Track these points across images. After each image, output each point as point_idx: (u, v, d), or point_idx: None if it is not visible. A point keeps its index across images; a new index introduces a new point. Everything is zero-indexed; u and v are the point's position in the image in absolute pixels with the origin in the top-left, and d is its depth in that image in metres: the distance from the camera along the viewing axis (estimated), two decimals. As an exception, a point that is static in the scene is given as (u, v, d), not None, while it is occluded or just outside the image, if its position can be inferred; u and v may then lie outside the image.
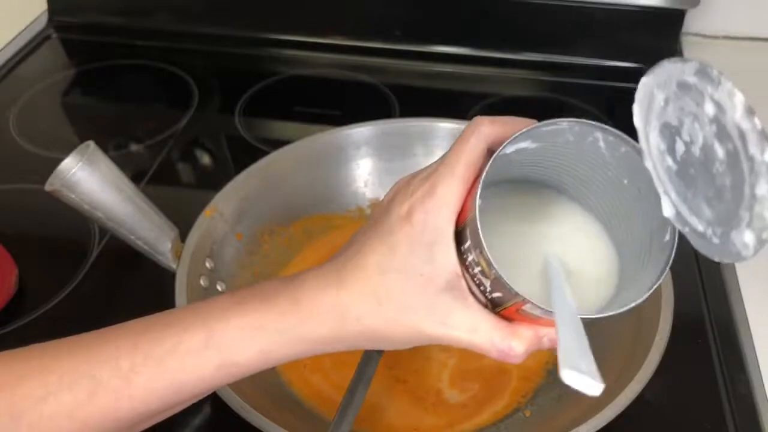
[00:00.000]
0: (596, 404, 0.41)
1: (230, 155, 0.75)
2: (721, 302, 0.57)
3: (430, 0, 0.85)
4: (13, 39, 0.90)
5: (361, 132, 0.62)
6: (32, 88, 0.83)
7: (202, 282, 0.50)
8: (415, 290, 0.31)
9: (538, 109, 0.81)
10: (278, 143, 0.61)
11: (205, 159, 0.75)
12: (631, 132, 0.86)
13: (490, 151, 0.33)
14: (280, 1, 0.88)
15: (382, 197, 0.63)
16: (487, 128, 0.34)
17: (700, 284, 0.58)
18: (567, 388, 0.47)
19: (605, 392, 0.42)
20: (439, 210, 0.31)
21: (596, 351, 0.49)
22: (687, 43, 0.86)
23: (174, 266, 0.49)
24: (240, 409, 0.41)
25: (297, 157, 0.60)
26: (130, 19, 0.93)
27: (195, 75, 0.85)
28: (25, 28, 0.92)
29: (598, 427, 0.40)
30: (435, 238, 0.31)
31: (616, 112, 0.77)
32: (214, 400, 0.46)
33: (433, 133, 0.62)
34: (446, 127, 0.62)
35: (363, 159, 0.62)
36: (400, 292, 0.31)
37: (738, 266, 0.57)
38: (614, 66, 0.84)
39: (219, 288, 0.52)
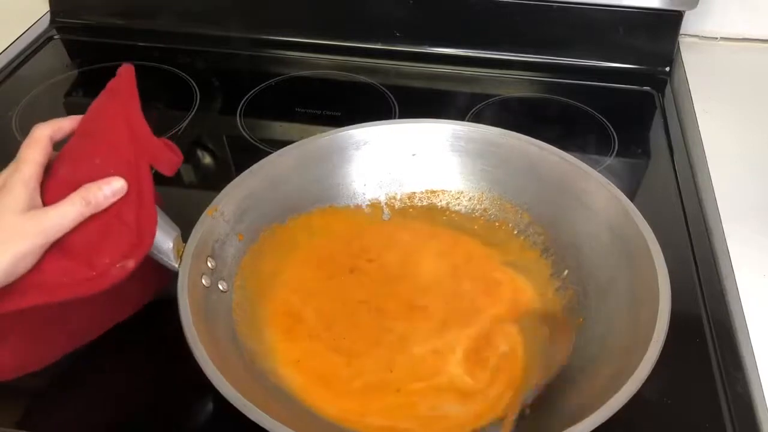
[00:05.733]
0: (596, 401, 0.42)
1: (231, 155, 0.75)
2: (719, 301, 0.57)
3: (430, 1, 0.85)
4: (16, 40, 0.90)
5: (361, 132, 0.62)
6: (35, 89, 0.83)
7: (203, 281, 0.50)
8: None
9: (537, 109, 0.81)
10: (280, 143, 0.62)
11: (207, 159, 0.75)
12: (631, 132, 0.87)
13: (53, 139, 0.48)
14: (281, 2, 0.89)
15: (381, 197, 0.64)
16: (42, 131, 0.47)
17: (697, 283, 0.58)
18: (569, 384, 0.47)
19: (604, 389, 0.42)
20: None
21: (594, 348, 0.50)
22: (685, 44, 0.86)
23: (176, 266, 0.49)
24: (243, 407, 0.41)
25: (297, 157, 0.60)
26: (131, 21, 0.93)
27: (196, 76, 0.85)
28: (27, 30, 0.92)
29: (600, 422, 0.40)
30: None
31: (614, 113, 0.78)
32: (216, 400, 0.47)
33: (433, 133, 0.63)
34: (445, 127, 0.62)
35: (363, 159, 0.62)
36: None
37: (736, 265, 0.57)
38: (612, 67, 0.85)
39: (221, 287, 0.52)
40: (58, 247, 0.44)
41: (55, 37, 0.94)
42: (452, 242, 0.61)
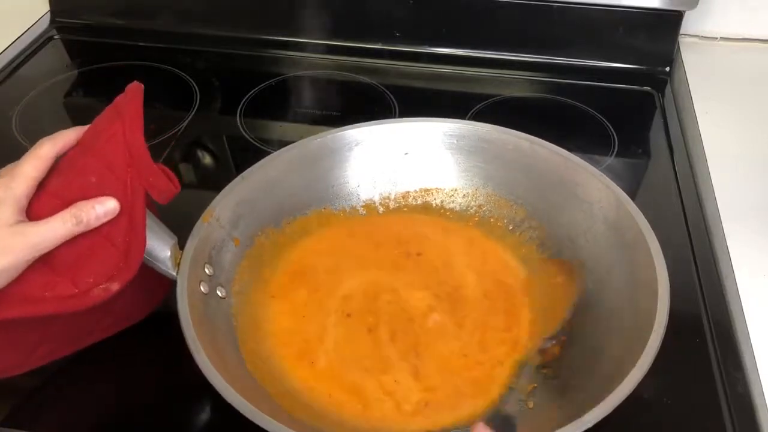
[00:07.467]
0: (600, 392, 0.42)
1: (231, 155, 0.75)
2: (719, 301, 0.57)
3: (430, 1, 0.85)
4: (16, 40, 0.90)
5: (353, 133, 0.62)
6: (35, 89, 0.83)
7: (202, 288, 0.50)
8: None
9: (537, 109, 0.81)
10: (280, 144, 0.62)
11: (207, 160, 0.75)
12: (631, 132, 0.86)
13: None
14: (281, 2, 0.89)
15: (375, 197, 0.64)
16: (49, 150, 0.46)
17: (697, 283, 0.58)
18: (572, 377, 0.47)
19: (608, 380, 0.42)
20: None
21: (595, 340, 0.50)
22: (685, 44, 0.86)
23: (174, 273, 0.49)
24: (247, 412, 0.41)
25: (291, 159, 0.60)
26: (131, 21, 0.93)
27: (196, 76, 0.85)
28: (27, 30, 0.92)
29: (606, 413, 0.40)
30: None
31: (614, 113, 0.78)
32: (214, 406, 0.47)
33: (425, 132, 0.62)
34: (437, 125, 0.62)
35: (356, 160, 0.62)
36: None
37: (736, 265, 0.57)
38: (612, 67, 0.85)
39: (219, 293, 0.52)
40: (43, 261, 0.44)
41: (55, 37, 0.94)
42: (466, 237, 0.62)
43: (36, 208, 0.45)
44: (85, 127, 0.49)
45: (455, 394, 0.50)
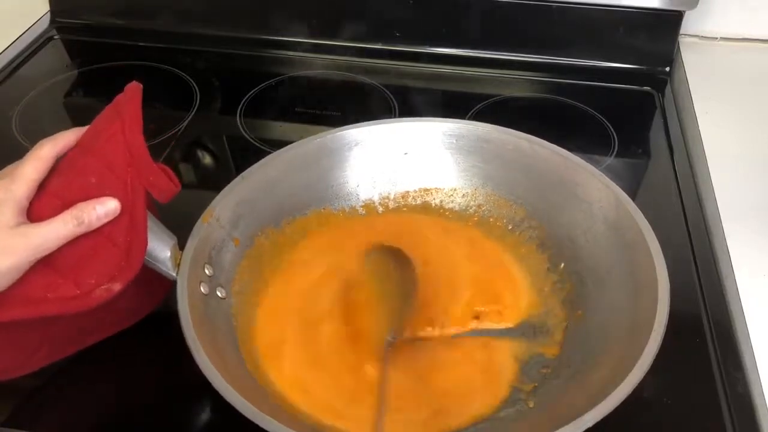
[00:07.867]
0: (600, 392, 0.42)
1: (231, 156, 0.75)
2: (719, 301, 0.57)
3: (430, 2, 0.85)
4: (16, 40, 0.90)
5: (352, 133, 0.62)
6: (35, 89, 0.83)
7: (202, 288, 0.50)
8: None
9: (537, 109, 0.81)
10: (280, 144, 0.62)
11: (207, 160, 0.75)
12: (631, 132, 0.86)
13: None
14: (281, 2, 0.89)
15: (374, 197, 0.63)
16: (49, 151, 0.46)
17: (697, 283, 0.58)
18: (572, 377, 0.47)
19: (608, 380, 0.42)
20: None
21: (595, 340, 0.50)
22: (685, 44, 0.86)
23: (174, 274, 0.49)
24: (245, 410, 0.41)
25: (291, 159, 0.60)
26: (131, 21, 0.93)
27: (196, 76, 0.85)
28: (27, 30, 0.92)
29: (607, 412, 0.40)
30: None
31: (614, 113, 0.78)
32: (215, 401, 0.47)
33: (424, 132, 0.62)
34: (436, 125, 0.62)
35: (355, 160, 0.62)
36: None
37: (736, 265, 0.57)
38: (612, 67, 0.85)
39: (219, 294, 0.52)
40: (44, 262, 0.44)
41: (55, 37, 0.94)
42: (467, 237, 0.61)
43: (37, 210, 0.45)
44: (85, 128, 0.49)
45: (459, 396, 0.50)
